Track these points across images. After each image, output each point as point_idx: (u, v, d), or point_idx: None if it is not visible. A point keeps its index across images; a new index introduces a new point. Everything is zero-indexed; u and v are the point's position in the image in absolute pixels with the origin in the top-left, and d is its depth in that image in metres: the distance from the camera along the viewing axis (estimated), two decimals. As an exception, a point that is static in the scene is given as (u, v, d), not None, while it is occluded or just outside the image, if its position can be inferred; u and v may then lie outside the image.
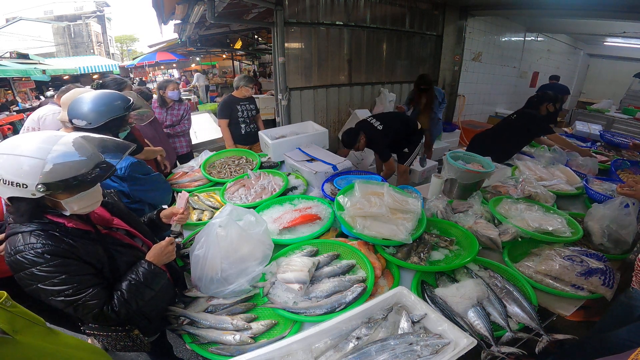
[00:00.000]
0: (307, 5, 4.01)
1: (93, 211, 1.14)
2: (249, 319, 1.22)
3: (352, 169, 2.37)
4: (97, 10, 23.01)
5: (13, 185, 0.85)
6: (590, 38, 8.51)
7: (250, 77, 3.48)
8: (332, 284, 1.28)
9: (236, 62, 13.37)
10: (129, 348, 1.16)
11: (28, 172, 0.84)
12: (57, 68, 10.17)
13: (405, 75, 5.40)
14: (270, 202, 1.92)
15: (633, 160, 2.63)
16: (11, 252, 0.92)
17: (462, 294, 1.23)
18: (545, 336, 1.12)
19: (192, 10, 3.92)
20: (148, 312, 1.20)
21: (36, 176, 0.84)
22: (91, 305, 0.97)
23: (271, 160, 2.63)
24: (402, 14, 4.92)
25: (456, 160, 2.06)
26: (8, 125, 7.36)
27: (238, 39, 9.15)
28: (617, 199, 1.65)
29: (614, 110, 5.74)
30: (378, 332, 1.06)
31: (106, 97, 1.47)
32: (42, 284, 0.92)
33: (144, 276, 1.08)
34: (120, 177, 1.59)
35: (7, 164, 0.85)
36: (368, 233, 1.46)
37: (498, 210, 1.78)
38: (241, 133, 3.37)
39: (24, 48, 14.09)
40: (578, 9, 4.32)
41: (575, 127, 3.64)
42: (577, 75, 10.45)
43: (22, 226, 0.94)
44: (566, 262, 1.42)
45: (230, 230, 1.26)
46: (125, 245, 1.16)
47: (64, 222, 0.98)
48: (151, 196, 1.74)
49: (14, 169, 0.84)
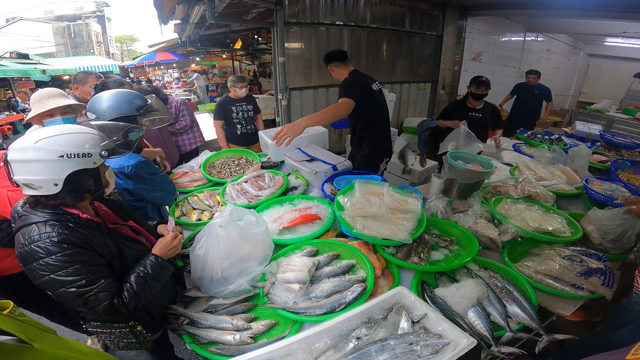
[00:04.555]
0: (307, 5, 4.02)
1: (100, 207, 1.18)
2: (249, 319, 1.22)
3: (352, 169, 2.37)
4: (97, 10, 23.02)
5: (79, 157, 0.97)
6: (590, 38, 8.52)
7: (242, 76, 3.40)
8: (332, 284, 1.28)
9: (236, 62, 13.38)
10: (132, 345, 1.16)
11: (92, 143, 1.00)
12: (57, 68, 10.19)
13: (406, 75, 5.40)
14: (270, 202, 1.92)
15: (633, 161, 2.63)
16: (25, 242, 0.93)
17: (462, 294, 1.23)
18: (545, 336, 1.12)
19: (192, 10, 3.93)
20: (151, 307, 1.21)
21: (98, 145, 1.01)
22: (102, 297, 0.98)
23: (271, 160, 2.63)
24: (402, 14, 4.92)
25: (456, 160, 2.07)
26: (8, 125, 7.37)
27: (238, 39, 9.17)
28: (620, 209, 1.63)
29: (614, 110, 5.74)
30: (378, 332, 1.06)
31: (119, 95, 1.51)
32: (55, 274, 0.93)
33: (152, 269, 1.10)
34: (126, 175, 1.60)
35: (70, 140, 0.97)
36: (368, 233, 1.46)
37: (498, 210, 1.78)
38: (237, 134, 3.35)
39: (24, 48, 14.11)
40: (578, 9, 4.33)
41: (575, 127, 3.64)
42: (577, 75, 10.47)
43: (35, 217, 0.96)
44: (566, 262, 1.42)
45: (230, 230, 1.26)
46: (132, 239, 1.19)
47: (78, 213, 1.02)
48: (154, 196, 1.74)
49: (78, 142, 0.98)
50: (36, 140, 0.93)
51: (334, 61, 2.43)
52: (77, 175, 0.98)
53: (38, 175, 0.93)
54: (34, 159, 0.92)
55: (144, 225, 1.35)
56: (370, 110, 2.41)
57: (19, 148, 0.93)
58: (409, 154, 4.03)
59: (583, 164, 2.43)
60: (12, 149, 0.94)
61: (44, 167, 0.93)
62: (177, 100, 3.31)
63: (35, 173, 0.93)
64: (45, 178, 0.93)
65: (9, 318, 0.78)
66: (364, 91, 2.28)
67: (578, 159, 2.44)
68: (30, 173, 0.93)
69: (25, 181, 0.94)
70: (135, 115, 1.56)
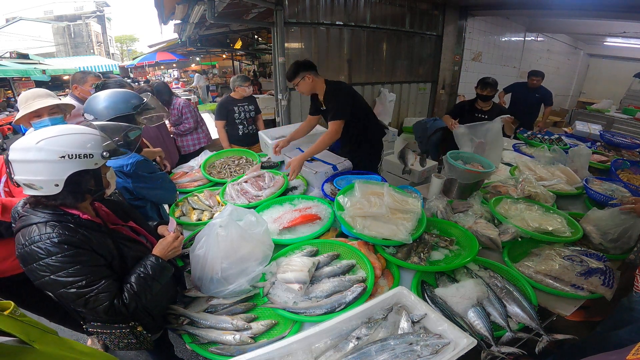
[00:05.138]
0: (307, 5, 4.02)
1: (100, 207, 1.18)
2: (249, 319, 1.22)
3: (352, 169, 2.37)
4: (97, 10, 23.03)
5: (80, 158, 0.96)
6: (590, 38, 8.52)
7: (246, 76, 3.41)
8: (332, 284, 1.28)
9: (236, 62, 13.37)
10: (132, 346, 1.16)
11: (94, 144, 1.00)
12: (57, 68, 10.19)
13: (405, 75, 5.40)
14: (270, 202, 1.92)
15: (633, 161, 2.63)
16: (25, 243, 0.93)
17: (462, 294, 1.23)
18: (545, 336, 1.12)
19: (192, 10, 3.93)
20: (152, 308, 1.21)
21: (100, 146, 1.01)
22: (102, 298, 0.98)
23: (271, 160, 2.63)
24: (402, 14, 4.92)
25: (456, 160, 2.07)
26: (8, 125, 7.37)
27: (238, 39, 9.17)
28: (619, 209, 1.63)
29: (614, 110, 5.74)
30: (378, 332, 1.06)
31: (116, 95, 1.53)
32: (55, 274, 0.93)
33: (153, 269, 1.09)
34: (125, 174, 1.60)
35: (71, 140, 0.96)
36: (368, 233, 1.46)
37: (498, 210, 1.78)
38: (239, 134, 3.35)
39: (24, 48, 14.12)
40: (578, 9, 4.33)
41: (575, 127, 3.64)
42: (577, 75, 10.46)
43: (35, 217, 0.96)
44: (566, 262, 1.42)
45: (230, 230, 1.26)
46: (132, 240, 1.18)
47: (79, 214, 1.02)
48: (154, 194, 1.74)
49: (79, 143, 0.97)
50: (37, 141, 0.92)
51: (310, 70, 2.15)
52: (78, 176, 0.97)
53: (39, 176, 0.93)
54: (35, 159, 0.92)
55: (145, 225, 1.35)
56: (360, 114, 2.33)
57: (20, 148, 0.93)
58: (409, 154, 4.02)
59: (583, 164, 2.43)
60: (13, 148, 0.94)
61: (44, 168, 0.92)
62: (180, 101, 3.33)
63: (36, 173, 0.93)
64: (46, 178, 0.93)
65: (10, 319, 0.77)
66: (353, 101, 2.21)
67: (578, 159, 2.44)
68: (31, 173, 0.93)
69: (26, 181, 0.94)
70: (133, 114, 1.57)
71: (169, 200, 1.83)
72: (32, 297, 1.59)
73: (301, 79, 2.13)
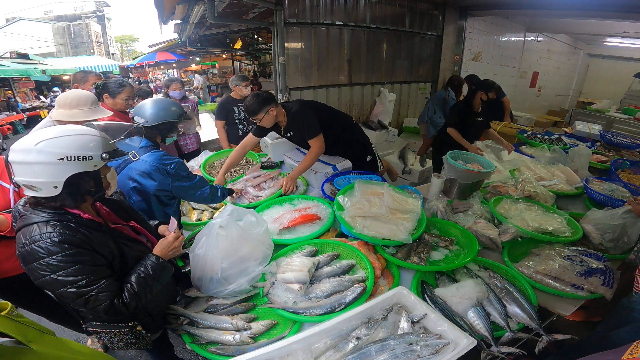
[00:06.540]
0: (307, 5, 4.01)
1: (101, 207, 1.18)
2: (249, 319, 1.22)
3: (351, 169, 2.37)
4: (97, 10, 23.04)
5: (79, 159, 0.95)
6: (590, 38, 8.51)
7: (244, 76, 3.42)
8: (332, 284, 1.28)
9: (236, 62, 13.37)
10: (131, 345, 1.16)
11: (94, 146, 0.98)
12: (57, 68, 10.20)
13: (406, 75, 5.39)
14: (270, 202, 1.93)
15: (633, 161, 2.64)
16: (26, 242, 0.93)
17: (462, 294, 1.23)
18: (545, 336, 1.12)
19: (192, 10, 3.92)
20: (152, 307, 1.21)
21: (100, 147, 0.99)
22: (103, 298, 0.98)
23: (271, 160, 2.63)
24: (402, 14, 4.92)
25: (456, 160, 2.07)
26: (8, 125, 7.38)
27: (238, 39, 9.15)
28: (619, 209, 1.63)
29: (614, 110, 5.74)
30: (378, 332, 1.06)
31: (165, 103, 1.67)
32: (56, 274, 0.92)
33: (153, 269, 1.09)
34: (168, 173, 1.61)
35: (71, 142, 0.95)
36: (368, 233, 1.46)
37: (498, 210, 1.78)
38: (238, 134, 3.35)
39: (24, 48, 14.12)
40: (578, 9, 4.32)
41: (575, 127, 3.64)
42: (577, 75, 10.46)
43: (36, 216, 0.96)
44: (566, 262, 1.42)
45: (230, 231, 1.26)
46: (133, 240, 1.18)
47: (80, 213, 1.02)
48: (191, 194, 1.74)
49: (79, 144, 0.96)
50: (37, 142, 0.92)
51: (272, 103, 2.06)
52: (77, 178, 0.97)
53: (38, 178, 0.92)
54: (34, 161, 0.92)
55: (145, 225, 1.34)
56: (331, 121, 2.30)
57: (20, 149, 0.93)
58: (409, 154, 4.03)
59: (583, 164, 2.43)
60: (13, 150, 0.94)
61: (43, 170, 0.92)
62: (192, 102, 3.46)
63: (35, 175, 0.92)
64: (44, 180, 0.93)
65: (7, 319, 0.77)
66: (316, 113, 2.18)
67: (578, 159, 2.44)
68: (31, 175, 0.92)
69: (25, 183, 0.94)
70: (176, 121, 1.70)
71: (205, 201, 1.82)
72: (32, 297, 1.60)
73: (265, 113, 2.04)
